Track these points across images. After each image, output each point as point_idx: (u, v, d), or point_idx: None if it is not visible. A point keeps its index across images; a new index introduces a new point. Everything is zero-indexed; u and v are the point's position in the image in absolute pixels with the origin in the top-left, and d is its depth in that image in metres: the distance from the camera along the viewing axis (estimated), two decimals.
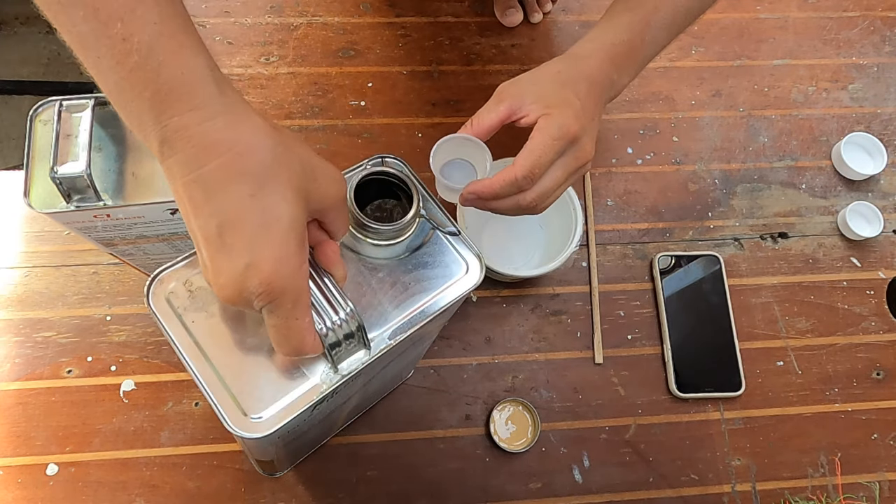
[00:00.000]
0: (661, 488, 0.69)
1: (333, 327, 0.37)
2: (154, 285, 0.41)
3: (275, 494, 0.65)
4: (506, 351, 0.73)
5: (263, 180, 0.33)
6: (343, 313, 0.37)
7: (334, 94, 0.83)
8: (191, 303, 0.40)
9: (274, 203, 0.33)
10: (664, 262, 0.77)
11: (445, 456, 0.68)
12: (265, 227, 0.33)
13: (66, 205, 0.50)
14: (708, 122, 0.86)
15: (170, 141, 0.32)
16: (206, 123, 0.33)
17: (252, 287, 0.33)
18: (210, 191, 0.32)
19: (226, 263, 0.33)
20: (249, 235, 0.32)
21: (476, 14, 0.90)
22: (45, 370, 0.67)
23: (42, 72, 1.65)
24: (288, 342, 0.36)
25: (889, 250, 0.81)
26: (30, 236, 0.72)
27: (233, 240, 0.33)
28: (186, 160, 0.32)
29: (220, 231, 0.33)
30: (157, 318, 0.40)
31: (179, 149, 0.32)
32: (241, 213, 0.32)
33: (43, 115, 0.52)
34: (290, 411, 0.38)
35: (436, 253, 0.45)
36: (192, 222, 0.33)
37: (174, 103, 0.32)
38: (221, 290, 0.34)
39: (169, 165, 0.33)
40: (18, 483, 0.63)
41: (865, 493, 0.70)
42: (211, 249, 0.33)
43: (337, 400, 0.46)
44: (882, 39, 0.94)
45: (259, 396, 0.39)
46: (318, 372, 0.40)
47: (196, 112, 0.32)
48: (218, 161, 0.32)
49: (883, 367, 0.76)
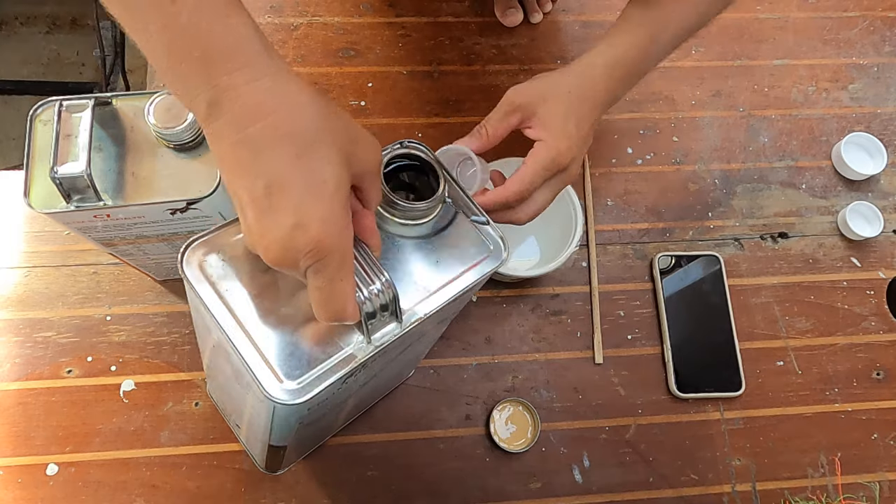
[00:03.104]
0: (661, 488, 0.69)
1: (370, 296, 0.38)
2: (188, 253, 0.40)
3: (275, 494, 0.65)
4: (506, 351, 0.73)
5: (310, 141, 0.33)
6: (379, 283, 0.38)
7: (334, 94, 0.83)
8: (224, 271, 0.40)
9: (320, 164, 0.33)
10: (664, 262, 0.77)
11: (445, 456, 0.68)
12: (312, 187, 0.33)
13: (66, 205, 0.50)
14: (708, 122, 0.86)
15: (218, 102, 0.33)
16: (255, 83, 0.33)
17: (300, 246, 0.33)
18: (258, 151, 0.33)
19: (273, 224, 0.33)
20: (297, 196, 0.33)
21: (476, 14, 0.90)
22: (45, 370, 0.67)
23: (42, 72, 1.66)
24: (331, 305, 0.36)
25: (889, 250, 0.81)
26: (30, 236, 0.72)
27: (280, 200, 0.33)
28: (234, 120, 0.33)
29: (268, 191, 0.33)
30: (191, 285, 0.39)
31: (227, 109, 0.33)
32: (289, 173, 0.33)
33: (43, 115, 0.52)
34: (325, 379, 0.38)
35: (460, 235, 0.46)
36: (238, 184, 0.34)
37: (223, 63, 0.33)
38: (267, 251, 0.34)
39: (216, 128, 0.34)
40: (18, 483, 0.63)
41: (865, 493, 0.70)
42: (257, 210, 0.33)
43: (361, 378, 0.46)
44: (882, 39, 0.94)
45: (294, 364, 0.39)
46: (352, 343, 0.40)
47: (244, 71, 0.33)
48: (266, 121, 0.33)
49: (883, 367, 0.76)
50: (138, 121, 0.53)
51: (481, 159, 0.57)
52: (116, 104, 0.54)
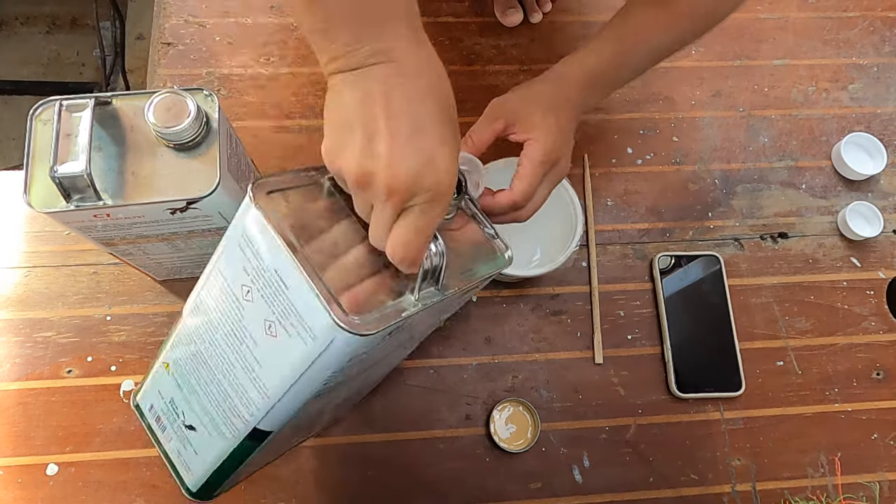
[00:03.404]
0: (661, 488, 0.69)
1: (430, 255, 0.41)
2: (255, 189, 0.41)
3: (275, 494, 0.65)
4: (506, 351, 0.73)
5: (447, 108, 0.41)
6: (436, 247, 0.42)
7: None
8: (289, 212, 0.42)
9: (447, 127, 0.40)
10: (664, 262, 0.77)
11: (445, 456, 0.68)
12: (447, 141, 0.40)
13: (66, 204, 0.50)
14: (708, 122, 0.86)
15: (386, 52, 0.39)
16: (414, 49, 0.40)
17: (427, 180, 0.38)
18: (412, 100, 0.39)
19: (410, 154, 0.38)
20: (435, 141, 0.39)
21: (476, 14, 0.90)
22: (45, 370, 0.67)
23: (42, 72, 1.66)
24: (413, 247, 0.40)
25: (889, 250, 0.81)
26: (30, 236, 0.72)
27: (422, 140, 0.39)
28: (399, 71, 0.39)
29: (413, 131, 0.38)
30: (261, 213, 0.40)
31: (395, 60, 0.39)
32: (433, 124, 0.39)
33: (43, 115, 0.52)
34: (383, 322, 0.40)
35: (475, 233, 0.52)
36: (380, 121, 0.38)
37: (398, 27, 0.39)
38: (394, 178, 0.38)
39: (373, 71, 0.39)
40: (18, 483, 0.63)
41: (865, 493, 0.70)
42: (397, 144, 0.38)
43: (375, 354, 0.46)
44: (882, 39, 0.94)
45: (355, 301, 0.40)
46: (401, 298, 0.43)
47: (406, 39, 0.40)
48: (420, 81, 0.40)
49: (883, 367, 0.76)
50: (138, 120, 0.53)
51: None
52: (116, 104, 0.54)
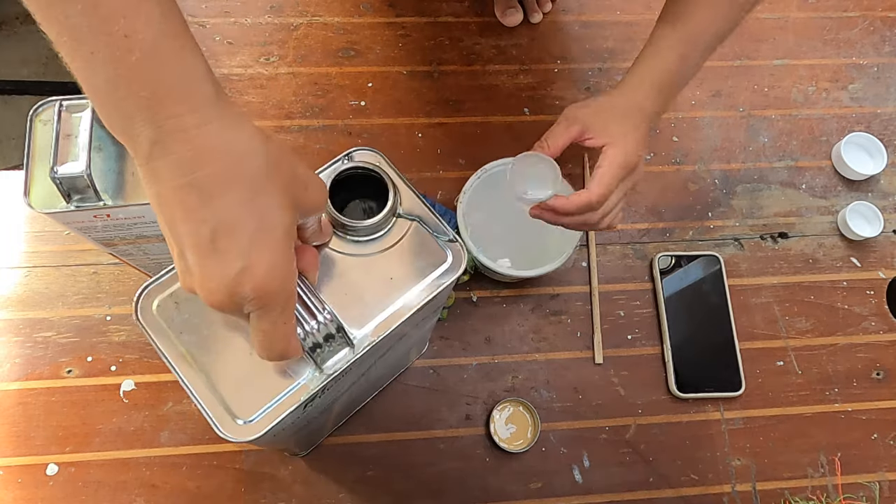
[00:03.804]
0: (661, 488, 0.69)
1: (311, 331, 0.38)
2: (141, 300, 0.42)
3: (275, 494, 0.65)
4: (506, 351, 0.73)
5: (260, 186, 0.33)
6: (321, 317, 0.38)
7: (334, 94, 0.83)
8: (178, 314, 0.41)
9: (269, 209, 0.33)
10: (664, 262, 0.77)
11: (445, 456, 0.68)
12: (261, 232, 0.33)
13: (66, 205, 0.50)
14: (708, 122, 0.86)
15: (164, 142, 0.31)
16: (205, 127, 0.32)
17: (245, 292, 0.33)
18: (205, 195, 0.32)
19: (217, 268, 0.33)
20: (245, 241, 0.32)
21: (476, 14, 0.90)
22: (45, 370, 0.67)
23: (42, 72, 1.65)
24: (273, 347, 0.36)
25: (889, 250, 0.81)
26: (30, 236, 0.72)
27: (227, 245, 0.32)
28: (181, 163, 0.32)
29: (214, 236, 0.32)
30: (146, 332, 0.41)
31: (174, 150, 0.32)
32: (238, 218, 0.32)
33: (43, 115, 0.52)
34: (278, 412, 0.40)
35: (418, 244, 0.46)
36: (180, 227, 0.33)
37: (173, 105, 0.31)
38: (211, 295, 0.33)
39: (156, 167, 0.32)
40: (18, 483, 0.63)
41: (865, 493, 0.70)
42: (201, 254, 0.33)
43: (331, 394, 0.46)
44: (882, 39, 0.94)
45: (248, 400, 0.40)
46: (305, 373, 0.41)
47: (195, 115, 0.32)
48: (215, 166, 0.32)
49: (883, 367, 0.76)
50: None
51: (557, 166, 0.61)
52: None
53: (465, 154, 0.80)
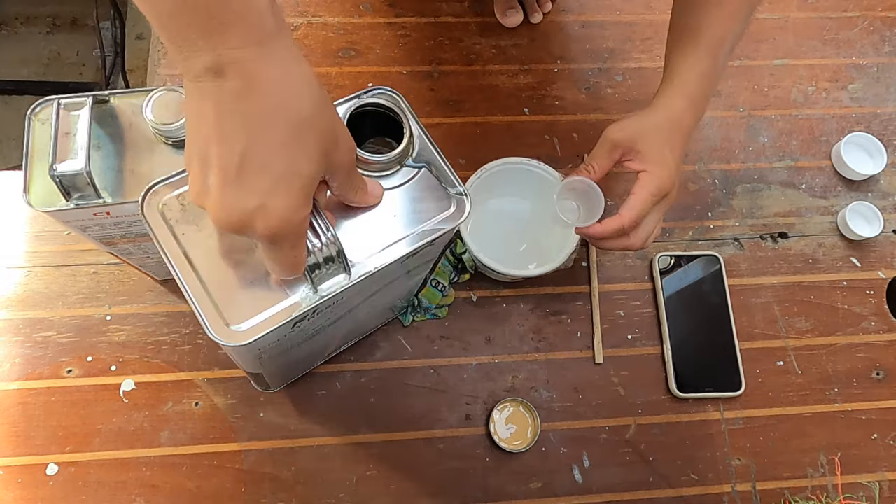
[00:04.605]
0: (661, 488, 0.69)
1: (314, 250, 0.39)
2: (148, 196, 0.42)
3: (275, 494, 0.65)
4: (506, 351, 0.73)
5: (298, 132, 0.34)
6: (324, 237, 0.39)
7: (334, 95, 0.82)
8: (182, 216, 0.42)
9: (301, 157, 0.34)
10: (664, 262, 0.77)
11: (445, 456, 0.68)
12: (286, 177, 0.34)
13: (65, 203, 0.50)
14: (708, 122, 0.86)
15: (221, 69, 0.32)
16: (260, 61, 0.33)
17: (257, 227, 0.34)
18: (248, 126, 0.33)
19: (236, 198, 0.33)
20: (269, 181, 0.33)
21: (476, 14, 0.90)
22: (45, 370, 0.67)
23: (42, 72, 1.66)
24: (279, 271, 0.38)
25: (889, 250, 0.81)
26: (30, 236, 0.72)
27: (251, 179, 0.33)
28: (232, 90, 0.32)
29: (242, 167, 0.33)
30: (149, 227, 0.41)
31: (231, 77, 0.32)
32: (269, 157, 0.33)
33: (41, 114, 0.52)
34: (269, 325, 0.40)
35: (425, 188, 0.47)
36: (213, 147, 0.33)
37: (233, 36, 0.32)
38: (221, 220, 0.34)
39: (205, 87, 0.33)
40: (18, 483, 0.63)
41: (865, 493, 0.70)
42: (224, 180, 0.33)
43: (319, 320, 0.47)
44: (882, 39, 0.94)
45: (242, 309, 0.41)
46: (300, 291, 0.42)
47: (253, 48, 0.32)
48: (263, 101, 0.33)
49: (883, 367, 0.76)
50: (136, 118, 0.53)
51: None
52: (114, 102, 0.54)
53: (465, 154, 0.80)
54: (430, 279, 0.72)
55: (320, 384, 0.69)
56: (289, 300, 0.42)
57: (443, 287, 0.73)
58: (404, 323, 0.72)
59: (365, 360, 0.71)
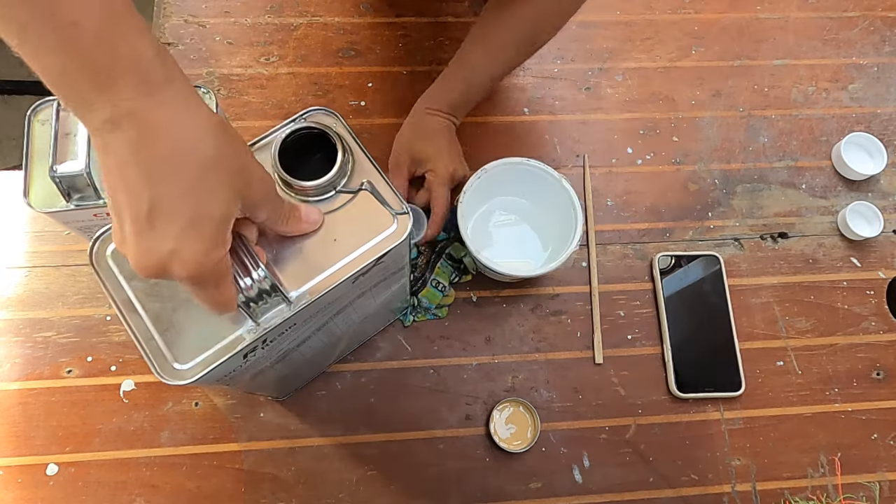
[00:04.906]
0: (661, 488, 0.69)
1: (244, 288, 0.39)
2: (97, 245, 0.43)
3: (275, 494, 0.65)
4: (506, 351, 0.73)
5: (202, 175, 0.34)
6: (255, 274, 0.39)
7: (334, 94, 0.83)
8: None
9: (209, 199, 0.34)
10: (664, 262, 0.77)
11: (445, 456, 0.68)
12: (197, 221, 0.34)
13: (65, 203, 0.50)
14: (708, 122, 0.86)
15: (118, 121, 0.32)
16: (156, 109, 0.33)
17: (174, 271, 0.34)
18: (149, 176, 0.33)
19: (151, 245, 0.34)
20: (178, 227, 0.33)
21: (476, 14, 0.90)
22: (45, 370, 0.67)
23: None
24: (210, 309, 0.39)
25: (889, 250, 0.81)
26: (30, 236, 0.72)
27: (163, 226, 0.33)
28: (130, 141, 0.32)
29: (151, 216, 0.33)
30: (98, 276, 0.43)
31: (127, 127, 0.32)
32: (176, 204, 0.33)
33: (41, 115, 0.52)
34: (214, 359, 0.41)
35: (366, 209, 0.46)
36: (120, 198, 0.33)
37: (125, 87, 0.32)
38: (140, 266, 0.34)
39: (108, 141, 0.33)
40: (18, 483, 0.63)
41: (865, 493, 0.70)
42: (136, 228, 0.34)
43: (282, 344, 0.47)
44: (882, 39, 0.94)
45: (188, 346, 0.42)
46: (245, 325, 0.42)
47: (145, 98, 0.32)
48: (161, 149, 0.33)
49: (883, 367, 0.76)
50: None
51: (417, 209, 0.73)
52: None
53: (465, 154, 0.80)
54: (430, 279, 0.72)
55: (320, 384, 0.69)
56: (233, 334, 0.42)
57: (443, 287, 0.73)
58: (405, 323, 0.72)
59: (365, 360, 0.71)
